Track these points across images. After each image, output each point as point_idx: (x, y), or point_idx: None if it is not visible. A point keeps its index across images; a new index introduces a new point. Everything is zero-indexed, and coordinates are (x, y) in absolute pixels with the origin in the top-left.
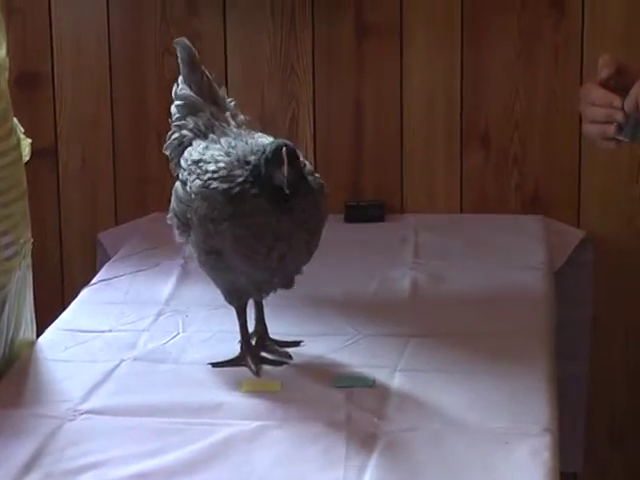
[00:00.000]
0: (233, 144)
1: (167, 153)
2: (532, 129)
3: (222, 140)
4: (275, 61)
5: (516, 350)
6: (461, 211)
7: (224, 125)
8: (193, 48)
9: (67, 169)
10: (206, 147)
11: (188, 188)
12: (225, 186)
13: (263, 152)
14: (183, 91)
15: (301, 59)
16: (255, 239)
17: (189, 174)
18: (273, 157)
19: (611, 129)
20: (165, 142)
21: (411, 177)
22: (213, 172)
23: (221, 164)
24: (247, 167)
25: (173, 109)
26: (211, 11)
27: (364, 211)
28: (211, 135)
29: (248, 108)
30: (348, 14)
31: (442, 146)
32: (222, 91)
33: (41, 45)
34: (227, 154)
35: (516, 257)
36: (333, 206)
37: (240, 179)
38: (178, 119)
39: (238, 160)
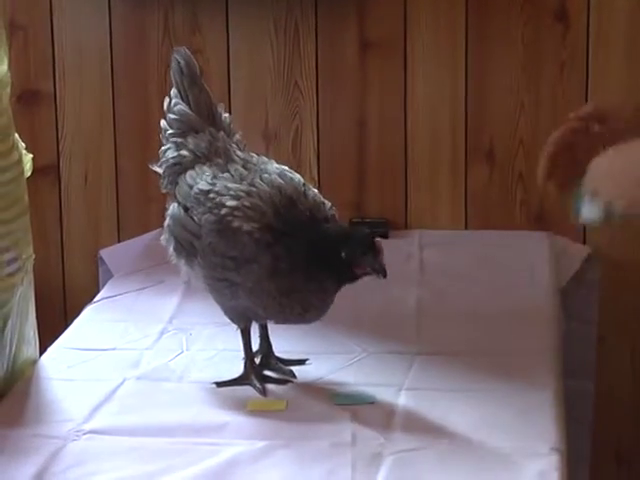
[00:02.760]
0: (243, 174)
1: (159, 170)
2: (537, 145)
3: (230, 168)
4: (278, 77)
5: (523, 368)
6: (466, 227)
7: (227, 148)
8: (193, 59)
9: (69, 186)
10: (214, 176)
11: (196, 219)
12: (250, 228)
13: (344, 240)
14: (179, 106)
15: (305, 75)
16: (283, 300)
17: (196, 204)
18: (360, 246)
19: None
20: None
21: (415, 193)
22: (233, 208)
23: (245, 201)
24: (280, 217)
25: (164, 123)
26: (214, 27)
27: (369, 228)
28: (216, 160)
29: (251, 124)
30: (351, 29)
31: (446, 162)
32: (219, 107)
33: (44, 62)
34: (248, 193)
35: (522, 274)
36: None
37: (270, 223)
38: (173, 135)
39: (260, 199)
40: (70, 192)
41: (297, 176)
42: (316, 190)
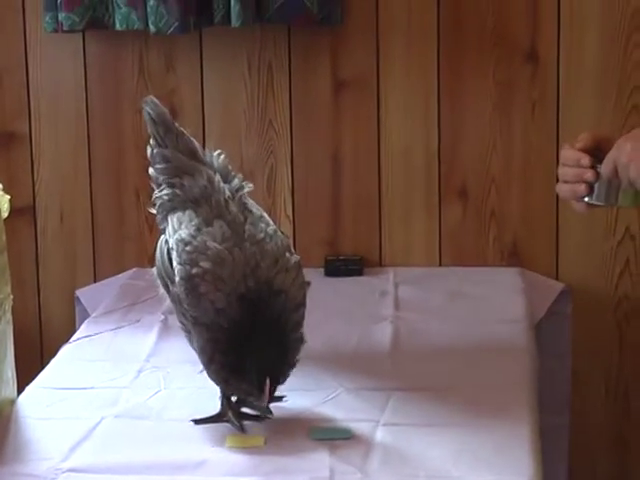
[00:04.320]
0: (226, 234)
1: (153, 210)
2: (509, 182)
3: (216, 223)
4: (253, 115)
5: (499, 403)
6: (440, 264)
7: (220, 198)
8: (162, 106)
9: (45, 226)
10: (198, 228)
11: (174, 264)
12: (214, 297)
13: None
14: (163, 153)
15: (279, 113)
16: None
17: (176, 250)
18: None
19: (582, 188)
20: (152, 197)
21: (390, 231)
22: (204, 271)
23: (217, 268)
24: (244, 296)
25: (152, 172)
26: (188, 66)
27: (344, 265)
28: (206, 207)
29: None
30: (325, 68)
31: (420, 199)
32: (204, 151)
33: (19, 103)
34: (223, 259)
35: (496, 310)
36: (313, 260)
37: (234, 299)
38: (168, 178)
39: (233, 270)
40: (46, 232)
41: (279, 242)
42: (297, 256)
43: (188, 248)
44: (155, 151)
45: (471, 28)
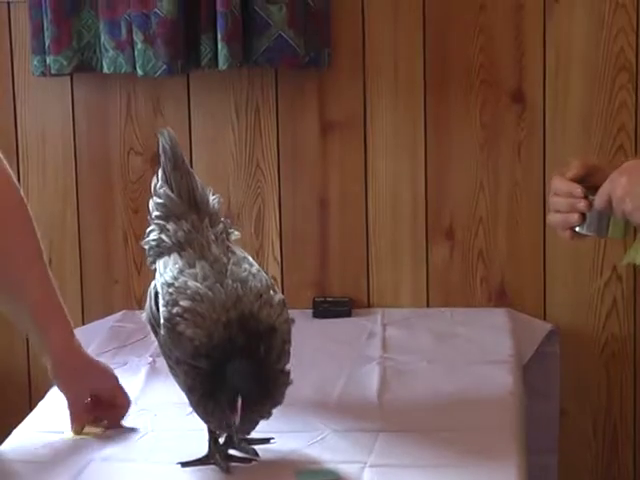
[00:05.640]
0: (207, 274)
1: (145, 247)
2: (496, 223)
3: (198, 264)
4: (240, 158)
5: (486, 445)
6: (427, 305)
7: (203, 241)
8: (177, 141)
9: None
10: (181, 270)
11: (160, 307)
12: (192, 334)
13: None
14: (163, 189)
15: (266, 155)
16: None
17: (161, 293)
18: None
19: (575, 218)
20: (145, 236)
21: (377, 272)
22: (184, 310)
23: (197, 306)
24: (224, 334)
25: (152, 205)
26: (176, 109)
27: (332, 307)
28: (190, 251)
29: None
30: (312, 110)
31: (407, 240)
32: (206, 192)
33: (7, 147)
34: (202, 297)
35: (484, 351)
36: (301, 302)
37: (213, 335)
38: (158, 218)
39: (213, 307)
40: None
41: (264, 281)
42: (281, 295)
43: (170, 290)
44: (158, 184)
45: (457, 70)
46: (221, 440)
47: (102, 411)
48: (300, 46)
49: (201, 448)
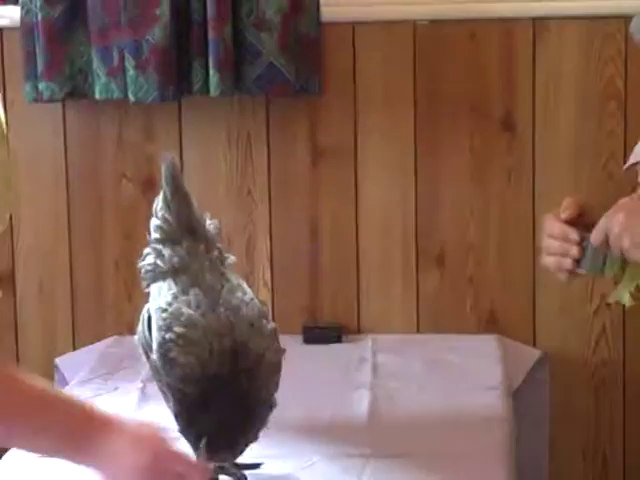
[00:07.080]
0: (201, 301)
1: (141, 270)
2: (486, 250)
3: (192, 291)
4: (231, 185)
5: (476, 470)
6: (418, 331)
7: (198, 268)
8: (178, 167)
9: (24, 294)
10: (175, 297)
11: (152, 333)
12: (184, 361)
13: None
14: (161, 213)
15: (257, 182)
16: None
17: (155, 319)
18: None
19: (567, 262)
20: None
21: (367, 298)
22: (177, 336)
23: (189, 332)
24: (213, 362)
25: (152, 226)
26: (167, 136)
27: (322, 333)
28: (184, 277)
29: None
30: (303, 137)
31: (398, 267)
32: (204, 218)
33: None
34: (195, 324)
35: (473, 377)
36: (291, 328)
37: (204, 364)
38: (156, 241)
39: (205, 335)
40: (25, 301)
41: (256, 309)
42: (273, 324)
43: (164, 315)
44: (159, 206)
45: (447, 98)
46: (211, 465)
47: None
48: (291, 73)
49: None
